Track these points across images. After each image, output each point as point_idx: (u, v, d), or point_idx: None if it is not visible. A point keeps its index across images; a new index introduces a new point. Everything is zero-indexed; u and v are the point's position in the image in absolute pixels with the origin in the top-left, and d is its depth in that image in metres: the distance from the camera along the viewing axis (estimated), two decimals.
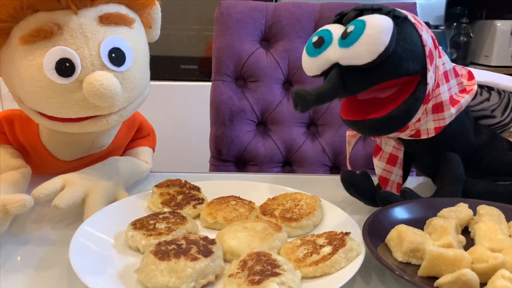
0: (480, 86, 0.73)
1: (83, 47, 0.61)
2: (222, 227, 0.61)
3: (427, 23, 0.80)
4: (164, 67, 1.79)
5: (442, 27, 2.06)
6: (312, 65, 0.63)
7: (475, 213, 0.61)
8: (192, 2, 1.78)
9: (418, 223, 0.60)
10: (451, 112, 0.65)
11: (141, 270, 0.51)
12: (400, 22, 0.59)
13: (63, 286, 0.52)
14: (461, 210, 0.61)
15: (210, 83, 1.19)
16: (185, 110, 1.77)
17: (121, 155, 0.85)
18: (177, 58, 1.80)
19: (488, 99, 0.74)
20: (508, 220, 0.59)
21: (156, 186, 0.70)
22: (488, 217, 0.58)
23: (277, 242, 0.56)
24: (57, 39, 0.61)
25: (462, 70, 0.71)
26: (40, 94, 0.62)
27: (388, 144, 0.71)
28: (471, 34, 2.30)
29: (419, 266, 0.51)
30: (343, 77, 0.59)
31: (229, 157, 1.18)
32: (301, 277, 0.50)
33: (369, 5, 0.62)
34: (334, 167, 1.18)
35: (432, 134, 0.66)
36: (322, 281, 0.50)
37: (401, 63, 0.59)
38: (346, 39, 0.57)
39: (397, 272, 0.49)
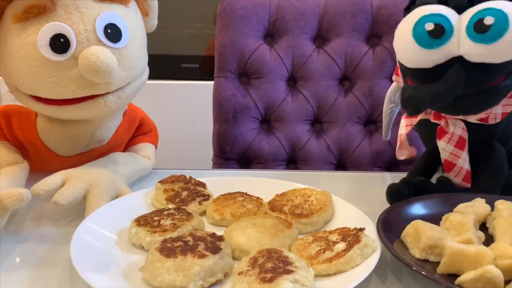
0: None
1: (78, 22, 0.60)
2: (230, 223, 0.59)
3: None
4: (165, 66, 1.76)
5: None
6: (424, 57, 0.55)
7: (492, 208, 0.59)
8: (193, 1, 1.75)
9: (434, 219, 0.57)
10: None
11: (146, 268, 0.48)
12: None
13: (64, 285, 0.50)
14: (479, 206, 0.58)
15: (211, 82, 1.16)
16: (186, 109, 1.74)
17: (123, 152, 0.82)
18: (178, 57, 1.78)
19: None
20: None
21: (160, 182, 0.68)
22: (508, 212, 0.56)
23: (288, 239, 0.54)
24: (51, 15, 0.59)
25: None
26: (35, 74, 0.60)
27: (458, 126, 0.63)
28: None
29: (437, 263, 0.49)
30: (467, 74, 0.52)
31: (232, 155, 1.15)
32: (314, 275, 0.47)
33: None
34: (340, 165, 1.16)
35: (499, 119, 0.62)
36: (336, 279, 0.48)
37: None
38: (486, 34, 0.51)
39: (415, 268, 0.47)
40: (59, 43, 0.59)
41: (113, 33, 0.62)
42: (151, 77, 0.73)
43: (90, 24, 0.61)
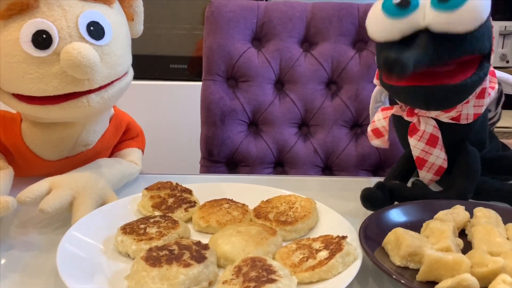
0: None
1: (60, 19, 0.61)
2: (215, 231, 0.60)
3: None
4: (153, 66, 1.76)
5: None
6: (391, 27, 0.58)
7: (471, 215, 0.61)
8: (181, 1, 1.75)
9: (415, 226, 0.59)
10: (486, 101, 0.63)
11: (131, 277, 0.49)
12: None
13: None
14: (458, 213, 0.60)
15: (199, 83, 1.17)
16: (174, 110, 1.74)
17: (109, 157, 0.82)
18: (166, 58, 1.77)
19: None
20: (505, 223, 0.59)
21: (146, 188, 0.68)
22: (486, 220, 0.58)
23: (272, 246, 0.55)
24: (33, 12, 0.60)
25: None
26: (16, 71, 0.61)
27: (429, 124, 0.66)
28: None
29: (417, 270, 0.50)
30: (433, 44, 0.55)
31: (220, 158, 1.16)
32: (297, 283, 0.48)
33: None
34: (326, 168, 1.17)
35: (471, 120, 0.64)
36: (318, 286, 0.49)
37: (483, 39, 0.57)
38: (448, 2, 0.54)
39: (394, 277, 0.48)
40: (41, 39, 0.60)
41: (95, 30, 0.63)
42: (139, 77, 0.73)
43: (73, 21, 0.61)
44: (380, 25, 0.60)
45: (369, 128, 0.71)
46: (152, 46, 1.78)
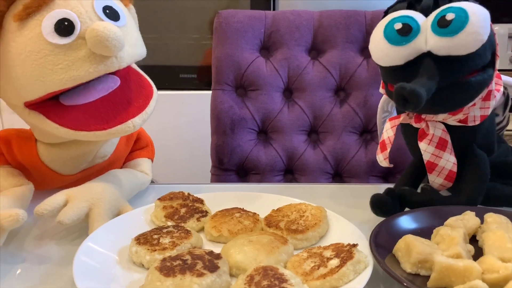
0: None
1: (77, 6, 0.63)
2: (227, 240, 0.61)
3: None
4: (163, 76, 1.78)
5: None
6: (395, 54, 0.59)
7: (482, 221, 0.61)
8: (190, 12, 1.78)
9: (425, 232, 0.59)
10: (492, 103, 0.64)
11: (146, 287, 0.50)
12: None
13: None
14: (469, 219, 0.60)
15: (209, 92, 1.18)
16: (185, 119, 1.76)
17: (121, 167, 0.84)
18: (176, 67, 1.80)
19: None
20: None
21: (159, 199, 0.70)
22: (496, 225, 0.58)
23: (284, 255, 0.56)
24: (50, 5, 0.62)
25: None
26: (44, 66, 0.61)
27: (437, 127, 0.66)
28: None
29: (428, 277, 0.50)
30: (438, 68, 0.56)
31: (230, 166, 1.17)
32: None
33: None
34: (336, 175, 1.17)
35: (478, 122, 0.64)
36: None
37: (485, 52, 0.58)
38: (448, 28, 0.55)
39: (405, 284, 0.49)
40: (64, 26, 0.61)
41: (111, 13, 0.66)
42: None
43: (90, 6, 0.64)
44: (384, 52, 0.61)
45: (380, 139, 0.72)
46: (162, 56, 1.81)
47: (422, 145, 0.67)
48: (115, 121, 0.64)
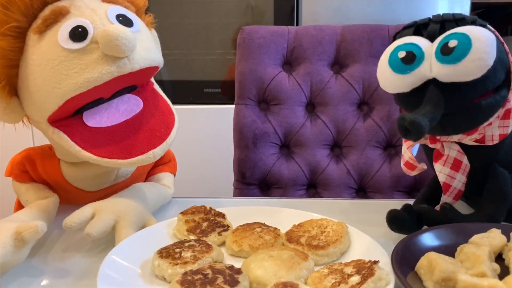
0: None
1: (91, 15, 0.65)
2: (248, 255, 0.61)
3: None
4: (188, 91, 1.82)
5: None
6: (400, 82, 0.59)
7: (508, 239, 0.59)
8: (214, 28, 1.81)
9: (449, 250, 0.58)
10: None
11: None
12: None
13: None
14: (494, 237, 0.58)
15: (232, 106, 1.20)
16: (208, 133, 1.78)
17: (144, 181, 0.85)
18: (201, 82, 1.83)
19: None
20: None
21: (181, 213, 0.71)
22: None
23: (304, 271, 0.56)
24: (66, 17, 0.65)
25: None
26: (60, 71, 0.63)
27: (452, 148, 0.66)
28: None
29: None
30: (444, 94, 0.56)
31: (253, 180, 1.18)
32: None
33: (449, 15, 0.60)
34: (360, 189, 1.16)
35: (496, 141, 0.63)
36: None
37: (496, 74, 0.57)
38: (451, 55, 0.55)
39: None
40: (78, 32, 0.63)
41: (125, 20, 0.68)
42: (175, 102, 0.76)
43: (103, 14, 0.66)
44: (389, 80, 0.61)
45: (402, 163, 0.72)
46: (187, 71, 1.84)
47: (437, 166, 0.67)
48: (137, 151, 0.66)
